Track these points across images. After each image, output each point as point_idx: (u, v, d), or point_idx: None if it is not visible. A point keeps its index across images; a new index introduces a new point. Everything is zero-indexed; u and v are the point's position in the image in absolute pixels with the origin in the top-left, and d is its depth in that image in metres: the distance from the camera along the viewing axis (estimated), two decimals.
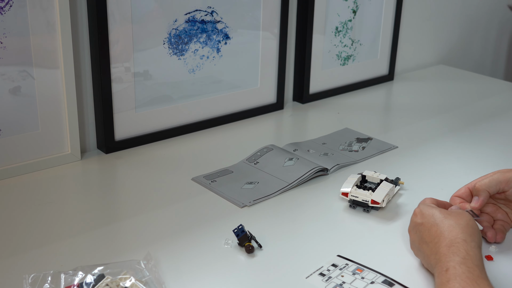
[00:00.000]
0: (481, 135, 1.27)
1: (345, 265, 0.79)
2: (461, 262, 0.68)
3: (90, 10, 1.06)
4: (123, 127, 1.15)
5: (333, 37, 1.49)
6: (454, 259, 0.69)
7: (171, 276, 0.76)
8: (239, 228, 0.83)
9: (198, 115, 1.26)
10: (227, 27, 1.25)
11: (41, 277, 0.70)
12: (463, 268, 0.67)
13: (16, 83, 1.00)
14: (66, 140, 1.08)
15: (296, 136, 1.26)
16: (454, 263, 0.68)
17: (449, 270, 0.67)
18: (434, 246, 0.73)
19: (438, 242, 0.73)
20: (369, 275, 0.76)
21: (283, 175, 1.04)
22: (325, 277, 0.76)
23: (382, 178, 0.98)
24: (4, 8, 0.95)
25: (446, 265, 0.68)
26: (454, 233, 0.73)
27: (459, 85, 1.68)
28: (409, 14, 1.71)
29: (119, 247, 0.84)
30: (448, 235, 0.73)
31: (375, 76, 1.65)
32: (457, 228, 0.73)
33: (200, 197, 0.98)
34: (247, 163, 1.09)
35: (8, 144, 1.01)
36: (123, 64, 1.12)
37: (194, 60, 1.22)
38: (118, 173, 1.09)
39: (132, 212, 0.93)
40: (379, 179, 0.98)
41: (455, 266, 0.67)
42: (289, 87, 1.47)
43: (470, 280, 0.65)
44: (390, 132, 1.31)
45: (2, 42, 0.96)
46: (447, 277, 0.67)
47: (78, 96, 1.10)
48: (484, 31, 2.07)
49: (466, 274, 0.66)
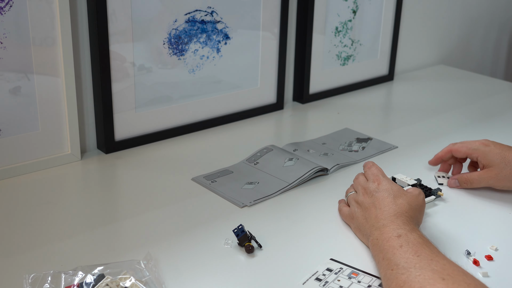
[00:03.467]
0: (481, 135, 1.27)
1: (339, 269, 0.78)
2: (411, 230, 0.75)
3: (91, 10, 1.06)
4: (123, 127, 1.15)
5: (333, 37, 1.49)
6: (405, 227, 0.76)
7: (171, 276, 0.76)
8: (239, 228, 0.83)
9: (198, 115, 1.26)
10: (227, 27, 1.25)
11: (41, 277, 0.71)
12: (414, 235, 0.74)
13: (16, 83, 1.00)
14: (66, 140, 1.08)
15: (296, 136, 1.26)
16: (405, 231, 0.75)
17: (402, 236, 0.74)
18: (382, 213, 0.81)
19: (388, 211, 0.81)
20: (365, 279, 0.76)
21: (283, 175, 1.04)
22: (322, 282, 0.76)
23: (411, 183, 0.97)
24: (4, 8, 0.95)
25: (397, 232, 0.75)
26: (404, 209, 0.81)
27: (459, 85, 1.68)
28: (409, 14, 1.71)
29: (119, 247, 0.84)
30: (398, 209, 0.81)
31: (375, 76, 1.65)
32: (408, 206, 0.82)
33: (200, 197, 0.98)
34: (247, 164, 1.09)
35: (8, 144, 1.01)
36: (123, 64, 1.12)
37: (194, 60, 1.22)
38: (118, 173, 1.10)
39: (132, 212, 0.93)
40: (407, 183, 0.97)
41: (407, 233, 0.74)
42: (289, 87, 1.47)
43: (420, 244, 0.72)
44: (390, 132, 1.31)
45: (2, 42, 0.96)
46: (400, 242, 0.73)
47: (78, 96, 1.10)
48: (484, 31, 2.07)
49: (417, 240, 0.73)
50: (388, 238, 0.75)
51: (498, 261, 0.81)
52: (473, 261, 0.80)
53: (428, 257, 0.69)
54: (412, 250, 0.71)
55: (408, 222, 0.78)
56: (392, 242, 0.74)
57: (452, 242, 0.85)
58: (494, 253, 0.83)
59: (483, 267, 0.80)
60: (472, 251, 0.82)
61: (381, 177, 0.88)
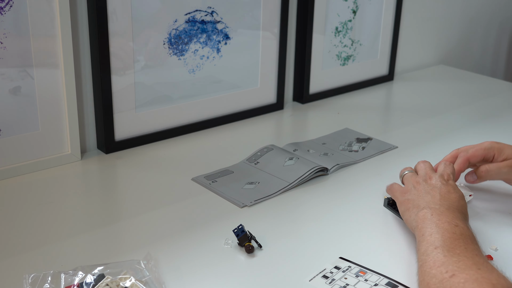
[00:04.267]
0: (481, 135, 1.27)
1: (347, 267, 0.79)
2: (468, 228, 0.78)
3: (90, 11, 1.06)
4: (123, 127, 1.15)
5: (333, 37, 1.49)
6: (465, 223, 0.78)
7: (171, 276, 0.76)
8: (239, 228, 0.83)
9: (198, 115, 1.26)
10: (227, 27, 1.25)
11: (41, 277, 0.71)
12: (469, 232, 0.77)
13: (16, 83, 1.00)
14: (66, 140, 1.08)
15: (296, 136, 1.26)
16: (463, 225, 0.77)
17: (459, 226, 0.76)
18: (448, 201, 0.83)
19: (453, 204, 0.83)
20: (372, 278, 0.76)
21: (284, 175, 1.04)
22: (329, 279, 0.76)
23: None
24: (4, 8, 0.95)
25: (455, 221, 0.77)
26: (464, 210, 0.84)
27: (459, 85, 1.68)
28: (409, 14, 1.71)
29: (119, 247, 0.84)
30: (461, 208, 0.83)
31: (375, 76, 1.65)
32: (466, 210, 0.85)
33: (200, 197, 0.98)
34: (247, 163, 1.09)
35: (8, 144, 1.01)
36: (123, 64, 1.12)
37: (194, 60, 1.22)
38: (118, 173, 1.09)
39: (132, 212, 0.93)
40: None
41: (464, 227, 0.77)
42: (289, 87, 1.47)
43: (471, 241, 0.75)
44: (390, 132, 1.31)
45: (2, 42, 0.96)
46: (455, 230, 0.75)
47: (78, 96, 1.10)
48: (484, 31, 2.07)
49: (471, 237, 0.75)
50: (446, 222, 0.77)
51: (498, 261, 0.81)
52: None
53: (474, 252, 0.72)
54: (463, 241, 0.74)
55: (466, 221, 0.81)
56: (449, 226, 0.76)
57: None
58: (494, 253, 0.83)
59: None
60: None
61: (451, 176, 0.91)
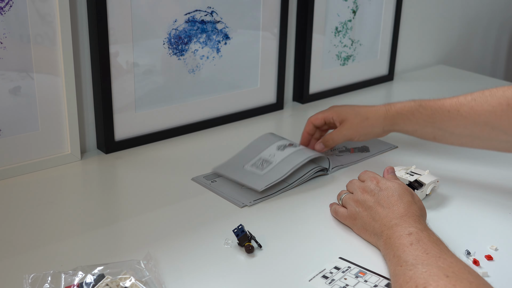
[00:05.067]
0: None
1: (347, 267, 0.79)
2: (423, 229, 0.76)
3: (90, 10, 1.06)
4: (123, 127, 1.15)
5: (333, 37, 1.49)
6: (416, 226, 0.76)
7: (171, 276, 0.76)
8: (239, 228, 0.83)
9: (198, 115, 1.26)
10: (227, 27, 1.25)
11: (41, 277, 0.70)
12: (425, 234, 0.75)
13: (16, 83, 1.00)
14: (66, 140, 1.08)
15: (296, 136, 1.26)
16: (416, 229, 0.75)
17: (412, 234, 0.75)
18: (392, 212, 0.81)
19: (398, 210, 0.81)
20: (372, 279, 0.76)
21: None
22: (328, 279, 0.76)
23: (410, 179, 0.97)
24: (4, 8, 0.95)
25: (407, 230, 0.76)
26: (412, 208, 0.81)
27: (459, 85, 1.68)
28: (409, 14, 1.71)
29: (119, 247, 0.84)
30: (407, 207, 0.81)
31: (375, 76, 1.65)
32: (415, 205, 0.82)
33: (200, 197, 0.98)
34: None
35: (8, 144, 1.01)
36: (123, 64, 1.12)
37: (194, 60, 1.22)
38: (118, 173, 1.10)
39: (132, 212, 0.93)
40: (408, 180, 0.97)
41: (418, 232, 0.75)
42: (289, 87, 1.47)
43: (430, 242, 0.73)
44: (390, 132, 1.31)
45: (2, 42, 0.96)
46: (410, 240, 0.74)
47: (78, 96, 1.10)
48: (484, 31, 2.07)
49: (428, 238, 0.74)
50: (399, 236, 0.75)
51: (498, 261, 0.81)
52: (473, 261, 0.80)
53: (436, 255, 0.70)
54: (421, 248, 0.72)
55: (419, 220, 0.79)
56: (403, 240, 0.74)
57: (452, 242, 0.85)
58: (494, 253, 0.83)
59: (483, 267, 0.80)
60: (472, 251, 0.82)
61: (378, 176, 0.88)
